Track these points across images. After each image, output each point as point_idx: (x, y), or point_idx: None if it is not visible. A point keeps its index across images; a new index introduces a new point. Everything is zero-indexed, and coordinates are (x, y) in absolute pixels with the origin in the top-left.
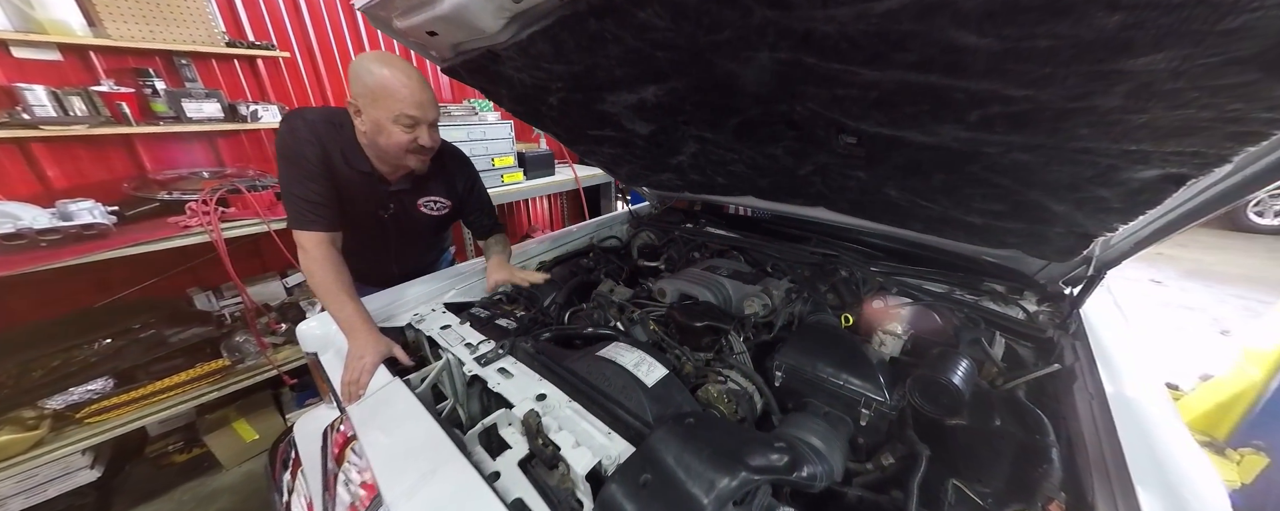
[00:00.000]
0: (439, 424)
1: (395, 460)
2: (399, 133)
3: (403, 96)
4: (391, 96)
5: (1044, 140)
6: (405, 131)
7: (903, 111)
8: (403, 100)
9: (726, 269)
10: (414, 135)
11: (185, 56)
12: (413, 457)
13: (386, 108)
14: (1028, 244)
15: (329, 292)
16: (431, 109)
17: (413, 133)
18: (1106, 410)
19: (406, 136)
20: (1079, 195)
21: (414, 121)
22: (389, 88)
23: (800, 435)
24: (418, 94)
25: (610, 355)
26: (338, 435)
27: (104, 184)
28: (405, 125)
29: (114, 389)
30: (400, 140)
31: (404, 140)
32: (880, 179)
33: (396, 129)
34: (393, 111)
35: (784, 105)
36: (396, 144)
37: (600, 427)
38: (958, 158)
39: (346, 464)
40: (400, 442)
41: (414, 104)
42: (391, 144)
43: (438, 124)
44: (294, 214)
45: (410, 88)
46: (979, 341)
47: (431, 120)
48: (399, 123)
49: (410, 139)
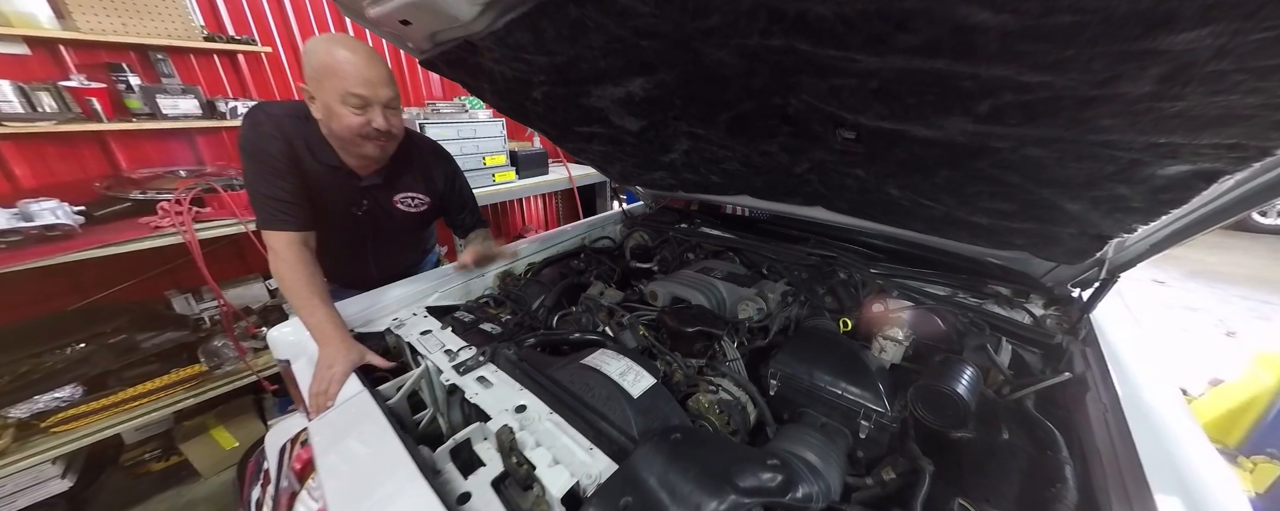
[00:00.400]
0: (402, 441)
1: (351, 482)
2: (349, 115)
3: (347, 73)
4: (335, 74)
5: (1061, 133)
6: (355, 113)
7: (905, 103)
8: (347, 77)
9: (721, 271)
10: (366, 117)
11: (161, 51)
12: (370, 479)
13: (333, 88)
14: (1037, 245)
15: (299, 296)
16: (383, 88)
17: (364, 114)
18: (1123, 424)
19: (357, 118)
20: (1096, 193)
21: (363, 101)
22: (333, 65)
23: (795, 450)
24: (364, 70)
25: (595, 363)
26: (302, 449)
27: (76, 183)
28: (354, 106)
29: (83, 396)
30: (350, 123)
31: (355, 123)
32: (880, 177)
33: (346, 111)
34: (339, 91)
35: (778, 98)
36: (348, 128)
37: (582, 443)
38: (964, 153)
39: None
40: (359, 462)
41: (360, 81)
42: (343, 128)
43: (396, 106)
44: (262, 214)
45: (355, 64)
46: (984, 347)
47: (384, 100)
48: (347, 103)
49: (362, 122)
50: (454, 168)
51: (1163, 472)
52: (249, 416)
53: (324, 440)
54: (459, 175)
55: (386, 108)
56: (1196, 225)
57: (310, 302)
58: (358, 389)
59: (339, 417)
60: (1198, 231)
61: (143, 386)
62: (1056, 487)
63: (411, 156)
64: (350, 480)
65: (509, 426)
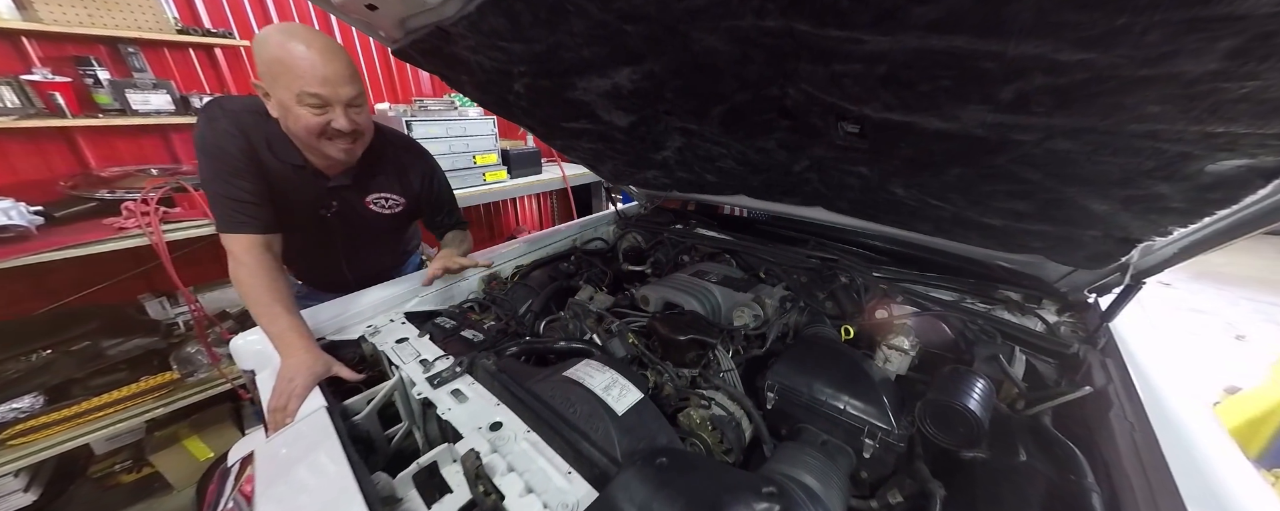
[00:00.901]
0: (352, 469)
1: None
2: (307, 115)
3: (302, 70)
4: (290, 71)
5: (1097, 122)
6: (314, 113)
7: (916, 90)
8: (303, 75)
9: (716, 274)
10: (325, 117)
11: (132, 44)
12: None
13: (288, 85)
14: (1054, 249)
15: (260, 304)
16: (344, 85)
17: (323, 114)
18: (1154, 446)
19: (316, 119)
20: (1129, 192)
21: (322, 101)
22: (287, 61)
23: (794, 472)
24: (321, 67)
25: (578, 376)
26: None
27: (41, 182)
28: (312, 105)
29: (45, 406)
30: (309, 123)
31: (314, 123)
32: (885, 175)
33: (304, 111)
34: (294, 89)
35: (774, 88)
36: (306, 128)
37: (560, 466)
38: (981, 148)
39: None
40: (302, 491)
41: (317, 79)
42: (301, 129)
43: (361, 103)
44: (220, 216)
45: (311, 59)
46: (996, 357)
47: (346, 99)
48: (304, 103)
49: (321, 122)
50: (431, 166)
51: (1203, 505)
52: (225, 426)
53: (269, 463)
54: (437, 174)
55: (349, 106)
56: (1238, 229)
57: (272, 310)
58: (320, 404)
59: (289, 438)
60: (1238, 236)
61: (109, 395)
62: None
63: (384, 154)
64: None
65: (475, 450)
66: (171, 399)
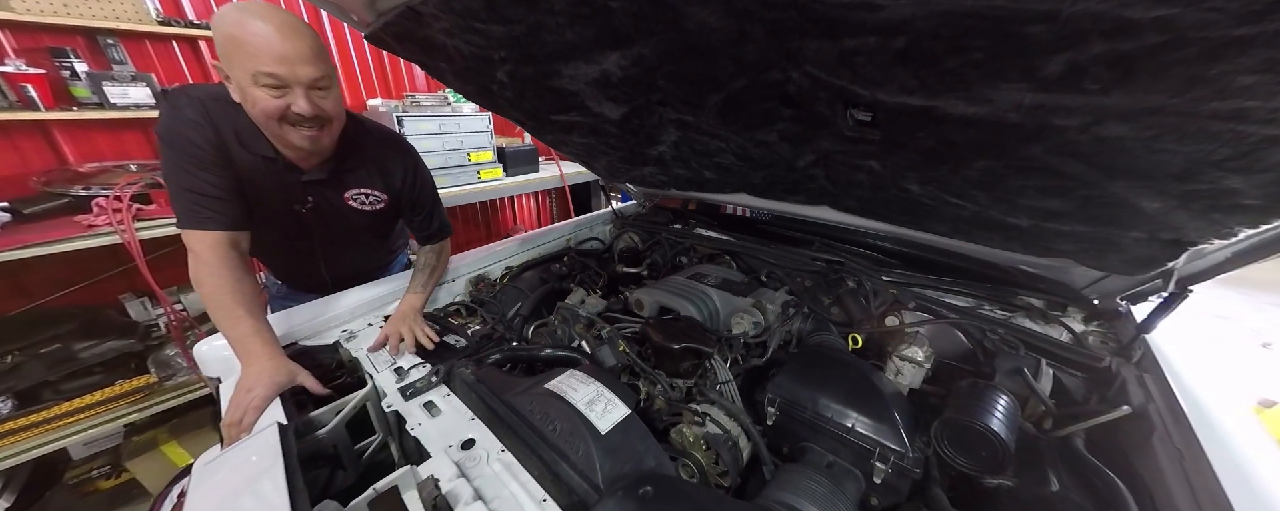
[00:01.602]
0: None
1: None
2: (265, 97)
3: (256, 48)
4: (244, 49)
5: (1165, 100)
6: (272, 95)
7: (940, 67)
8: (257, 53)
9: (715, 277)
10: (284, 100)
11: (111, 35)
12: None
13: (242, 65)
14: (1087, 252)
15: (221, 306)
16: (304, 65)
17: (282, 97)
18: (1209, 477)
19: (274, 102)
20: (1191, 186)
21: (279, 82)
22: (241, 38)
23: (795, 501)
24: (278, 44)
25: (560, 388)
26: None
27: (15, 177)
28: (269, 87)
29: (13, 411)
30: (267, 106)
31: (272, 106)
32: (899, 170)
33: (261, 93)
34: (249, 68)
35: (776, 72)
36: (264, 112)
37: (534, 492)
38: (1013, 137)
39: None
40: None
41: (273, 57)
42: (259, 113)
43: (326, 86)
44: (181, 210)
45: (267, 37)
46: (1020, 371)
47: (306, 80)
48: (260, 84)
49: (279, 106)
50: (415, 162)
51: None
52: (206, 431)
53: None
54: (420, 171)
55: (311, 88)
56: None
57: (233, 313)
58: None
59: (230, 459)
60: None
61: (83, 399)
62: None
63: (364, 147)
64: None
65: (433, 478)
66: (148, 403)
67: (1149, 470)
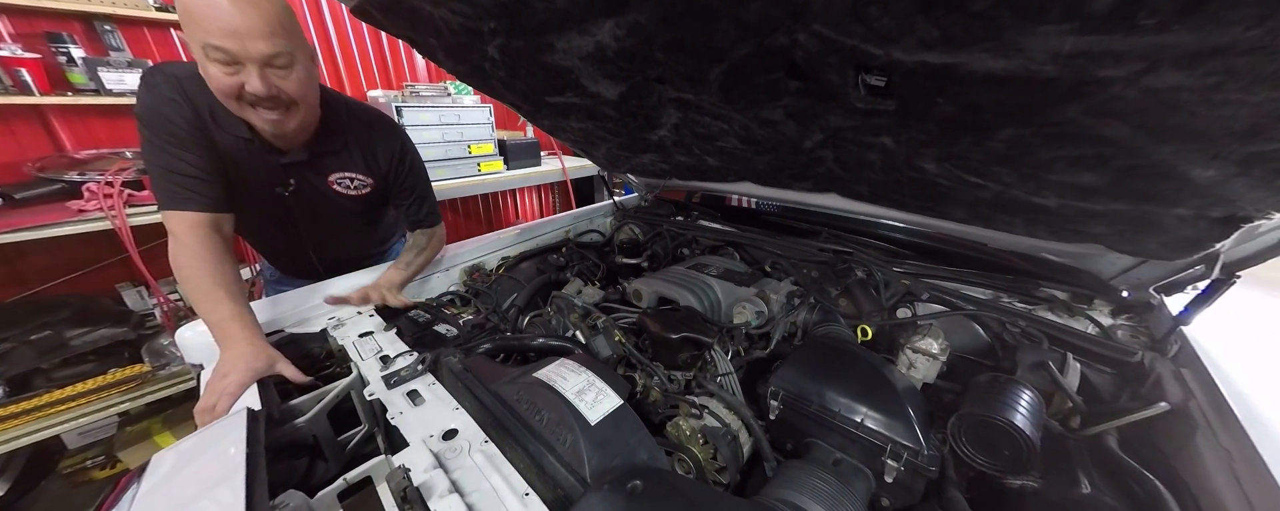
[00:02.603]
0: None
1: None
2: (217, 74)
3: (204, 17)
4: (193, 18)
5: (1238, 34)
6: (225, 72)
7: (967, 10)
8: (205, 24)
9: (716, 268)
10: (237, 78)
11: (109, 21)
12: None
13: (194, 36)
14: (1121, 235)
15: (199, 290)
16: (256, 40)
17: (234, 74)
18: (1268, 481)
19: (227, 79)
20: (1257, 147)
21: (229, 57)
22: (191, 6)
23: (799, 500)
24: (229, 15)
25: (549, 377)
26: None
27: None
28: (220, 62)
29: (4, 398)
30: (220, 84)
31: (225, 84)
32: (914, 146)
33: (214, 69)
34: (199, 41)
35: (782, 35)
36: (219, 90)
37: (516, 486)
38: (1048, 95)
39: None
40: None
41: (222, 30)
42: (216, 90)
43: (285, 64)
44: (161, 191)
45: (216, 6)
46: (1045, 365)
47: (259, 57)
48: (211, 59)
49: (233, 84)
50: (402, 143)
51: None
52: None
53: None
54: (408, 152)
55: (266, 66)
56: None
57: (212, 296)
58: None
59: (191, 446)
60: None
61: (75, 387)
62: None
63: (348, 129)
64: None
65: (403, 467)
66: (141, 392)
67: (1192, 471)
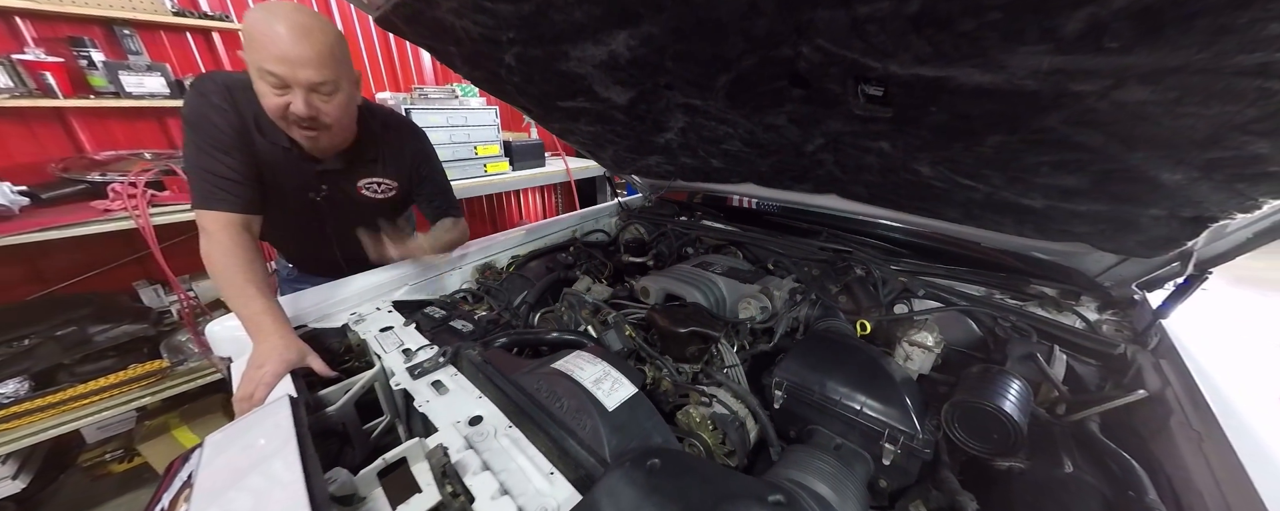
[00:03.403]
0: (302, 464)
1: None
2: (268, 93)
3: (263, 45)
4: (254, 44)
5: (1191, 56)
6: (274, 92)
7: (956, 30)
8: (264, 50)
9: (721, 266)
10: (284, 99)
11: (127, 25)
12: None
13: (252, 59)
14: (1104, 235)
15: (232, 285)
16: (304, 69)
17: (283, 95)
18: (1232, 459)
19: (275, 99)
20: (1215, 154)
21: (280, 81)
22: (254, 33)
23: (803, 479)
24: (286, 46)
25: (567, 368)
26: None
27: (34, 164)
28: (272, 84)
29: (30, 392)
30: (269, 103)
31: (273, 103)
32: (910, 150)
33: (265, 88)
34: (256, 64)
35: (787, 48)
36: (267, 107)
37: (541, 465)
38: (1029, 107)
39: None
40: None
41: (276, 58)
42: (265, 107)
43: (328, 92)
44: (197, 190)
45: (276, 38)
46: (1032, 357)
47: (307, 83)
48: (264, 79)
49: (280, 104)
50: (425, 147)
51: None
52: (216, 416)
53: (215, 457)
54: (431, 156)
55: (311, 92)
56: None
57: (245, 291)
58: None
59: (241, 429)
60: None
61: (97, 382)
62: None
63: (378, 138)
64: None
65: (442, 446)
66: (160, 387)
67: (1166, 452)
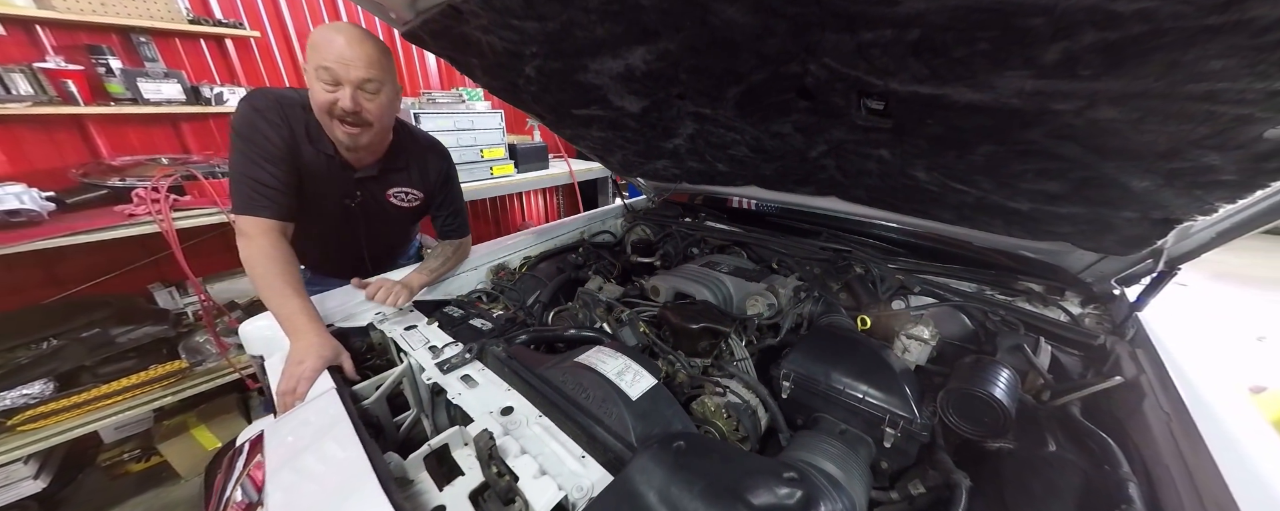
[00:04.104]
0: (365, 447)
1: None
2: (320, 90)
3: (323, 48)
4: (315, 48)
5: (1148, 84)
6: (326, 89)
7: (950, 57)
8: (323, 51)
9: (727, 265)
10: (335, 95)
11: (144, 33)
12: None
13: (311, 60)
14: (1083, 235)
15: (271, 286)
16: (356, 67)
17: (333, 92)
18: (1195, 436)
19: (326, 95)
20: (1175, 165)
21: (334, 77)
22: (317, 41)
23: (813, 460)
24: (343, 48)
25: (590, 361)
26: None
27: (54, 170)
28: (325, 81)
29: (54, 393)
30: (320, 99)
31: (322, 99)
32: (907, 157)
33: (318, 86)
34: (314, 63)
35: (795, 65)
36: (317, 103)
37: (573, 450)
38: (1015, 122)
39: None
40: (315, 471)
41: (334, 56)
42: (315, 105)
43: (373, 91)
44: (240, 197)
45: (335, 41)
46: (1020, 348)
47: (355, 80)
48: (319, 78)
49: (329, 99)
50: (450, 166)
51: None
52: (233, 415)
53: (279, 446)
54: (454, 178)
55: (358, 89)
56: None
57: (283, 292)
58: (330, 387)
59: (299, 420)
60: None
61: (118, 383)
62: (1122, 509)
63: (411, 151)
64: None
65: (489, 431)
66: (180, 387)
67: (1139, 431)
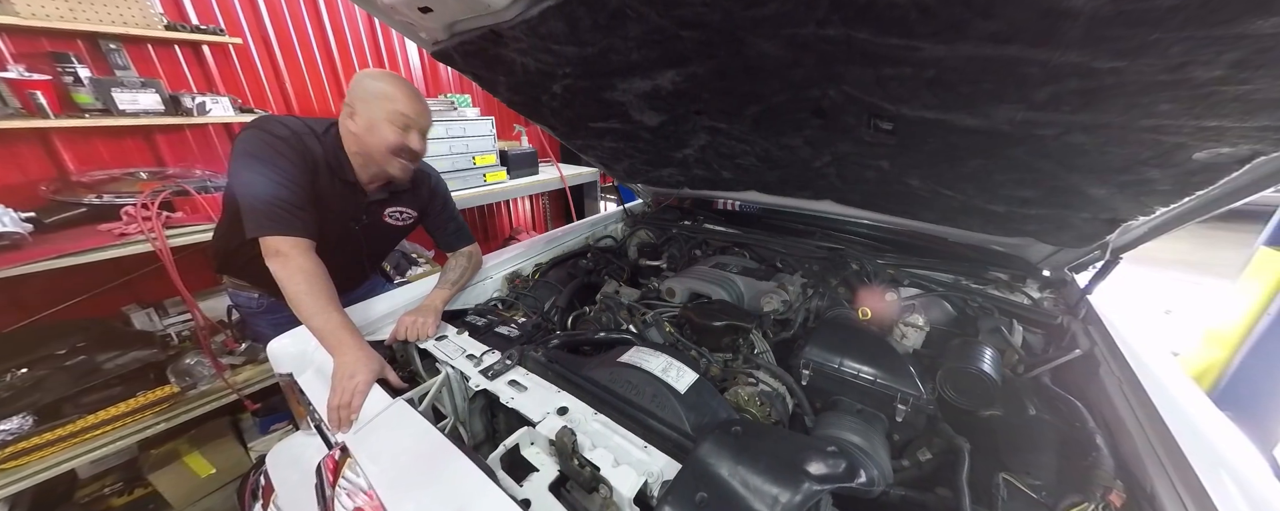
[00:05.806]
0: (464, 451)
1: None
2: (391, 132)
3: (399, 98)
4: (388, 98)
5: (1113, 118)
6: (397, 132)
7: (958, 92)
8: (400, 100)
9: (736, 266)
10: (405, 139)
11: (114, 39)
12: (437, 494)
13: (384, 107)
14: (1046, 231)
15: (314, 303)
16: (425, 118)
17: (404, 135)
18: (1142, 394)
19: (396, 137)
20: (1126, 178)
21: (407, 122)
22: (389, 92)
23: (842, 435)
24: (412, 98)
25: (634, 361)
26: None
27: (16, 187)
28: (399, 125)
29: (35, 427)
30: (389, 139)
31: (393, 140)
32: (905, 168)
33: (389, 128)
34: (389, 110)
35: (816, 90)
36: (385, 141)
37: (635, 442)
38: (1004, 142)
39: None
40: (417, 476)
41: (411, 107)
42: (379, 143)
43: (427, 134)
44: (269, 217)
45: (408, 93)
46: (999, 329)
47: (423, 127)
48: (393, 121)
49: (399, 142)
50: (438, 181)
51: (1190, 438)
52: (226, 440)
53: (371, 455)
54: (444, 189)
55: (422, 134)
56: (1204, 208)
57: (325, 309)
58: (387, 400)
59: (381, 429)
60: (1202, 215)
61: (104, 412)
62: (1093, 457)
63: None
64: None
65: (570, 428)
66: (172, 414)
67: (1097, 393)
